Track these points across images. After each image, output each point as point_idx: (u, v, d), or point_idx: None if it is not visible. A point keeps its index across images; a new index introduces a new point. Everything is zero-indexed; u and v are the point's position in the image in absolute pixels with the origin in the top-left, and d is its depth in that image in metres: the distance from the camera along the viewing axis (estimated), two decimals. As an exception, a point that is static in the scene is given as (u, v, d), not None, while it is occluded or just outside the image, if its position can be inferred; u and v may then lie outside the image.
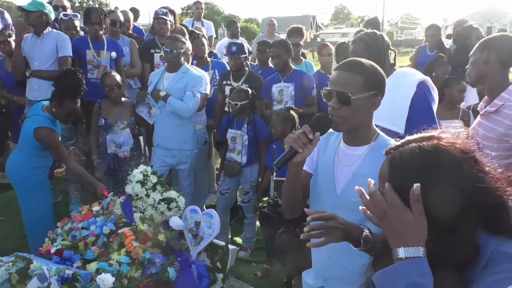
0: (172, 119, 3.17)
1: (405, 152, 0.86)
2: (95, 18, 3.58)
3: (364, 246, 1.15)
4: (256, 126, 3.11)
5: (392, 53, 2.03)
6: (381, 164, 0.92)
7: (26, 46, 3.49)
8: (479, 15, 33.84)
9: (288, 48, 3.36)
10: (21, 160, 2.77)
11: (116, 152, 3.14)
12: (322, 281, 1.50)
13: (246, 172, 3.15)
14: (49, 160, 2.88)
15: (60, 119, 2.82)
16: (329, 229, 1.12)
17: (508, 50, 1.87)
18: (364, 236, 1.15)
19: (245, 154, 3.10)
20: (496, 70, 1.88)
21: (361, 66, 1.32)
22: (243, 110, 3.08)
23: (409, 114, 1.90)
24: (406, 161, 0.85)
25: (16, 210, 3.34)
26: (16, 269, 1.88)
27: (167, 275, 1.91)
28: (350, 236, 1.16)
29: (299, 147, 1.25)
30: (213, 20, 10.01)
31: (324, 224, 1.12)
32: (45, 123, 2.68)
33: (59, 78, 2.80)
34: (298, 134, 1.26)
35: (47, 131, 2.66)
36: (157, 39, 4.11)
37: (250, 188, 3.19)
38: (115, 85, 3.14)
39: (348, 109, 1.29)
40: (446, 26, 14.66)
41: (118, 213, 2.29)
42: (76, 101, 2.81)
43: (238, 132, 3.12)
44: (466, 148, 0.84)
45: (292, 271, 2.44)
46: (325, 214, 1.14)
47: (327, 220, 1.13)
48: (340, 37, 38.52)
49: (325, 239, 1.13)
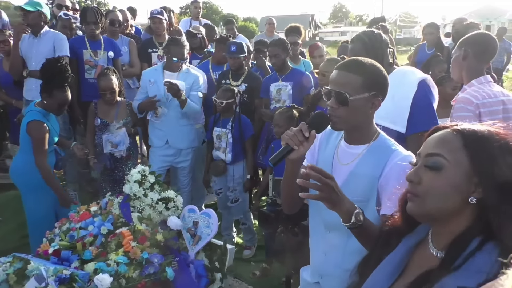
0: (180, 119, 3.22)
1: (476, 129, 0.85)
2: (91, 17, 3.57)
3: (353, 224, 1.14)
4: (241, 124, 3.12)
5: (390, 52, 2.02)
6: (441, 133, 0.89)
7: (24, 46, 3.48)
8: (478, 13, 33.86)
9: (286, 47, 3.36)
10: (22, 160, 2.78)
11: (113, 151, 3.13)
12: (318, 277, 1.50)
13: (230, 170, 3.15)
14: (51, 157, 2.88)
15: (53, 110, 2.81)
16: (326, 186, 1.11)
17: (482, 45, 2.04)
18: (356, 212, 1.14)
19: (229, 151, 3.10)
20: (473, 65, 2.04)
21: (361, 66, 1.31)
22: (228, 109, 3.10)
23: (410, 113, 1.90)
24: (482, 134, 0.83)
25: (14, 210, 3.34)
26: (14, 270, 1.87)
27: (165, 275, 1.91)
28: (342, 207, 1.14)
29: (294, 144, 1.25)
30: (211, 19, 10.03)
31: (324, 180, 1.11)
32: (36, 117, 2.68)
33: (43, 69, 2.80)
34: (294, 132, 1.25)
35: (36, 123, 2.66)
36: (154, 39, 4.11)
37: (236, 185, 3.17)
38: (108, 90, 3.10)
39: (346, 109, 1.28)
40: (445, 24, 14.67)
41: (116, 213, 2.28)
42: (65, 89, 2.78)
43: (223, 130, 3.13)
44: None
45: (290, 270, 2.44)
46: (327, 173, 1.13)
47: (327, 177, 1.12)
48: (338, 36, 38.53)
49: (318, 194, 1.12)
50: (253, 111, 3.50)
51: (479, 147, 0.83)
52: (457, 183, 0.83)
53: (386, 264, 0.94)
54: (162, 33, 4.01)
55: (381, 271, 0.94)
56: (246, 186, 3.20)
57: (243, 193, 3.20)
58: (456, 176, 0.83)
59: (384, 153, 1.32)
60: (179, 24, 5.61)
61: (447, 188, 0.84)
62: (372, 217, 1.31)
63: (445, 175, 0.84)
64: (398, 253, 0.94)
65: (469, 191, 0.83)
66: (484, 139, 0.83)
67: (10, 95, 3.94)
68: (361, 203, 1.32)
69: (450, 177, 0.84)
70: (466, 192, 0.83)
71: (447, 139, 0.86)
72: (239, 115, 3.15)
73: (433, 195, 0.86)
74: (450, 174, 0.84)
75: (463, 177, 0.83)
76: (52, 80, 2.74)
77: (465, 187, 0.83)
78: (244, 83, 3.48)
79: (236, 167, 3.15)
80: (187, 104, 3.09)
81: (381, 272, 0.94)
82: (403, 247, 0.94)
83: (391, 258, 0.94)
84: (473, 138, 0.84)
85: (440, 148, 0.86)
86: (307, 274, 1.59)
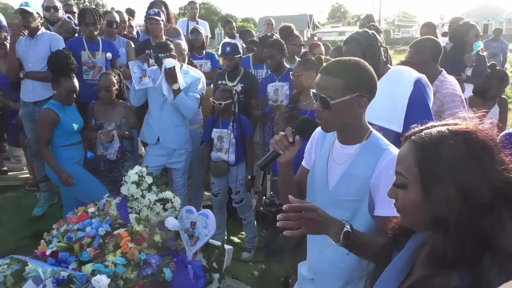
0: (175, 119, 3.17)
1: (433, 133, 0.83)
2: (89, 18, 3.57)
3: (343, 242, 1.15)
4: (242, 124, 3.11)
5: (384, 50, 2.03)
6: (401, 148, 0.89)
7: (20, 48, 3.48)
8: (476, 12, 33.94)
9: (282, 48, 3.37)
10: None
11: (104, 154, 3.14)
12: (313, 274, 1.52)
13: (233, 171, 3.14)
14: (77, 151, 3.03)
15: (64, 99, 2.98)
16: (308, 220, 1.11)
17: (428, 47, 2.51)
18: (344, 231, 1.14)
19: (233, 152, 3.09)
20: (429, 64, 2.45)
21: (343, 68, 1.30)
22: (227, 109, 3.09)
23: (406, 113, 1.90)
24: (435, 141, 0.81)
25: (12, 212, 3.34)
26: (11, 272, 1.87)
27: (163, 275, 1.91)
28: (329, 231, 1.15)
29: (280, 149, 1.29)
30: (210, 20, 9.99)
31: (303, 215, 1.11)
32: (49, 106, 2.95)
33: (50, 60, 3.07)
34: (280, 137, 1.30)
35: (47, 111, 2.93)
36: (151, 40, 4.10)
37: (239, 187, 3.17)
38: (104, 87, 3.14)
39: (330, 112, 1.29)
40: (443, 24, 14.69)
41: (113, 214, 2.28)
42: (71, 77, 3.00)
43: (224, 131, 3.11)
44: (491, 134, 0.83)
45: (289, 270, 2.45)
46: (305, 205, 1.13)
47: (307, 211, 1.11)
48: (337, 36, 38.56)
49: (302, 230, 1.12)
50: (249, 111, 3.50)
51: (429, 161, 0.81)
52: (419, 200, 0.83)
53: (393, 266, 0.94)
54: (159, 34, 4.01)
55: (389, 272, 0.94)
56: (248, 186, 3.19)
57: (246, 193, 3.20)
58: (417, 193, 0.83)
59: (375, 152, 1.32)
60: (176, 25, 5.60)
61: (412, 206, 0.85)
62: (365, 217, 1.32)
63: (409, 192, 0.85)
64: (405, 254, 0.94)
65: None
66: (435, 148, 0.81)
67: (8, 97, 3.94)
68: (354, 203, 1.34)
69: (413, 195, 0.84)
70: (431, 206, 0.82)
71: (405, 156, 0.87)
72: (239, 115, 3.14)
73: (405, 211, 0.88)
74: (412, 192, 0.84)
75: (422, 194, 0.83)
76: (58, 68, 2.99)
77: (428, 202, 0.82)
78: (240, 83, 3.48)
79: (240, 168, 3.14)
80: (180, 96, 3.00)
81: (388, 274, 0.94)
82: (409, 247, 0.94)
83: (397, 259, 0.95)
84: (425, 149, 0.83)
85: (400, 166, 0.87)
86: (303, 269, 1.60)
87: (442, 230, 0.79)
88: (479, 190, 0.76)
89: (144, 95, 3.22)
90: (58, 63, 3.00)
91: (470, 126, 0.83)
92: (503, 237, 0.75)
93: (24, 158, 4.61)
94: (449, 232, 0.78)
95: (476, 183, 0.76)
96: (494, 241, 0.75)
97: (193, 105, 3.14)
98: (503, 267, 0.73)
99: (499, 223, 0.76)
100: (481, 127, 0.83)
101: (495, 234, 0.75)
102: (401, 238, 0.97)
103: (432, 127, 0.86)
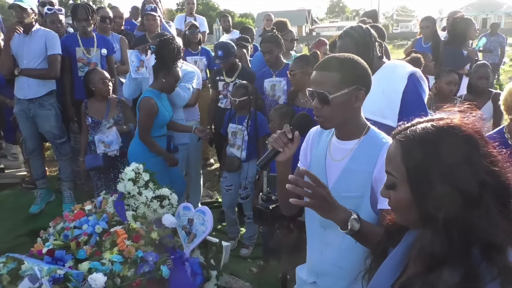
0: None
1: (418, 130, 0.83)
2: (81, 14, 3.53)
3: (351, 231, 1.14)
4: (257, 122, 3.08)
5: (379, 45, 2.01)
6: (389, 147, 0.90)
7: (14, 45, 3.44)
8: (474, 6, 33.84)
9: (279, 43, 3.34)
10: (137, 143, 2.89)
11: (106, 151, 3.12)
12: (314, 277, 1.50)
13: (244, 167, 3.14)
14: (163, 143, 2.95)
15: (169, 88, 2.90)
16: (318, 195, 1.10)
17: None
18: (351, 219, 1.13)
19: (244, 149, 3.08)
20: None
21: (337, 63, 1.30)
22: (243, 106, 3.06)
23: (401, 107, 1.89)
24: (420, 138, 0.82)
25: (8, 210, 3.33)
26: (7, 270, 1.85)
27: (160, 273, 1.90)
28: (336, 216, 1.14)
29: (279, 147, 1.27)
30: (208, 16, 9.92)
31: (316, 188, 1.10)
32: (149, 94, 2.81)
33: (159, 48, 2.86)
34: (278, 134, 1.28)
35: (149, 100, 2.78)
36: (147, 36, 4.07)
37: (248, 183, 3.16)
38: (106, 78, 3.14)
39: (329, 108, 1.28)
40: (442, 18, 14.64)
41: (110, 211, 2.27)
42: (177, 66, 2.94)
43: (239, 127, 3.10)
44: (477, 127, 0.82)
45: (287, 267, 2.44)
46: (320, 181, 1.12)
47: (321, 186, 1.11)
48: (335, 31, 38.38)
49: (309, 202, 1.11)
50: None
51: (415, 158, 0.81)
52: (409, 198, 0.83)
53: (389, 262, 0.94)
54: (155, 30, 3.98)
55: (384, 268, 0.94)
56: (256, 185, 3.15)
57: (253, 190, 3.19)
58: (407, 191, 0.84)
59: (375, 146, 1.32)
60: (174, 21, 5.57)
61: (404, 204, 0.85)
62: (367, 212, 1.31)
63: (399, 192, 0.86)
64: (399, 250, 0.94)
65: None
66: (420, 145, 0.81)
67: (4, 94, 3.91)
68: (356, 199, 1.32)
69: (403, 193, 0.84)
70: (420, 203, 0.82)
71: (392, 155, 0.87)
72: (255, 112, 3.10)
73: (397, 210, 0.89)
74: (403, 190, 0.85)
75: (410, 192, 0.83)
76: (169, 56, 2.84)
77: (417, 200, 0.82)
78: (238, 79, 3.46)
79: (251, 165, 3.13)
80: None
81: (384, 270, 0.94)
82: (404, 243, 0.94)
83: (393, 255, 0.95)
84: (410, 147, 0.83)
85: (389, 166, 0.88)
86: (303, 273, 1.58)
87: (431, 227, 0.79)
88: (466, 185, 0.76)
89: (138, 89, 3.19)
90: (171, 50, 2.85)
91: (455, 120, 0.83)
92: (491, 231, 0.75)
93: (21, 156, 4.59)
94: (437, 228, 0.78)
95: (462, 177, 0.76)
96: (482, 235, 0.75)
97: (184, 94, 3.12)
98: (493, 261, 0.74)
99: (487, 217, 0.75)
100: (466, 121, 0.83)
101: (483, 228, 0.75)
102: (396, 235, 0.97)
103: (418, 123, 0.86)
